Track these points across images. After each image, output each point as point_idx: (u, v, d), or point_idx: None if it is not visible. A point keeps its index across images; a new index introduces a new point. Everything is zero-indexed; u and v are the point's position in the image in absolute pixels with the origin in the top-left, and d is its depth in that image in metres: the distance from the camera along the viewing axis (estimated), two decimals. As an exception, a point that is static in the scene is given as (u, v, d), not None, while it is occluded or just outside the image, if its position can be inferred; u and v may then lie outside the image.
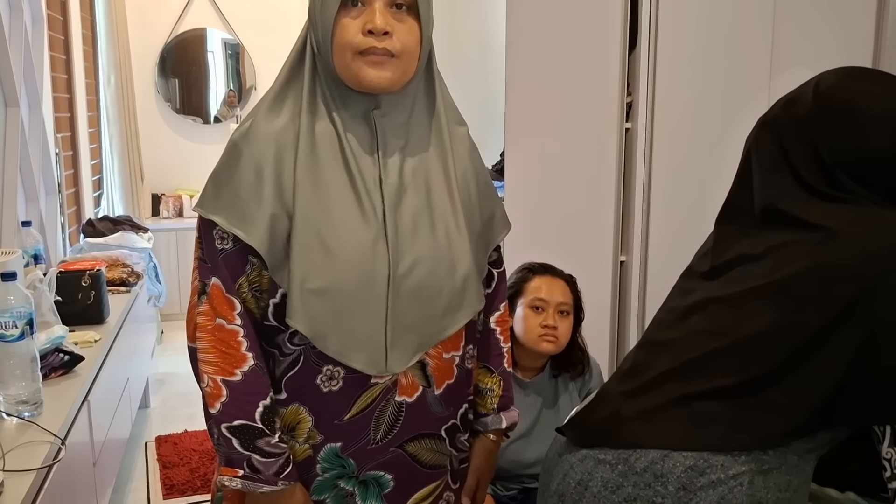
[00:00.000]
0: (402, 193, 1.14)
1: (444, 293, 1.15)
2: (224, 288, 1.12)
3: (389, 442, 1.18)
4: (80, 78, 4.10)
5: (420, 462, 1.21)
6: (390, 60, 1.09)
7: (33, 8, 3.12)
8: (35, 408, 1.71)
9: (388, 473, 1.19)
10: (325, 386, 1.14)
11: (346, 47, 1.09)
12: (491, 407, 1.35)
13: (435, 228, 1.15)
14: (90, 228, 3.71)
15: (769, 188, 1.14)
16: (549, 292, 1.83)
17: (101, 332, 2.38)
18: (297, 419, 1.16)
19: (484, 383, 1.35)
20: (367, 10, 1.09)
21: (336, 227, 1.10)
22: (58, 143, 3.49)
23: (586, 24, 2.75)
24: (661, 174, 2.86)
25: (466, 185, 1.22)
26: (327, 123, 1.13)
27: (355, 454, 1.18)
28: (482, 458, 1.36)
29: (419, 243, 1.13)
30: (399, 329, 1.12)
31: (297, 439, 1.17)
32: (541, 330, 1.80)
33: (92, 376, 2.09)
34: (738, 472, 1.03)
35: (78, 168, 3.93)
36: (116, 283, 2.99)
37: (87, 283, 2.46)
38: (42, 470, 1.52)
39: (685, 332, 1.14)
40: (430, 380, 1.20)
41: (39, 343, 1.87)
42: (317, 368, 1.14)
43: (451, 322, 1.17)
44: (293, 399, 1.16)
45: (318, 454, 1.17)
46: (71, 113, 3.86)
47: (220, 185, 1.12)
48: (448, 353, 1.21)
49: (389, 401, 1.17)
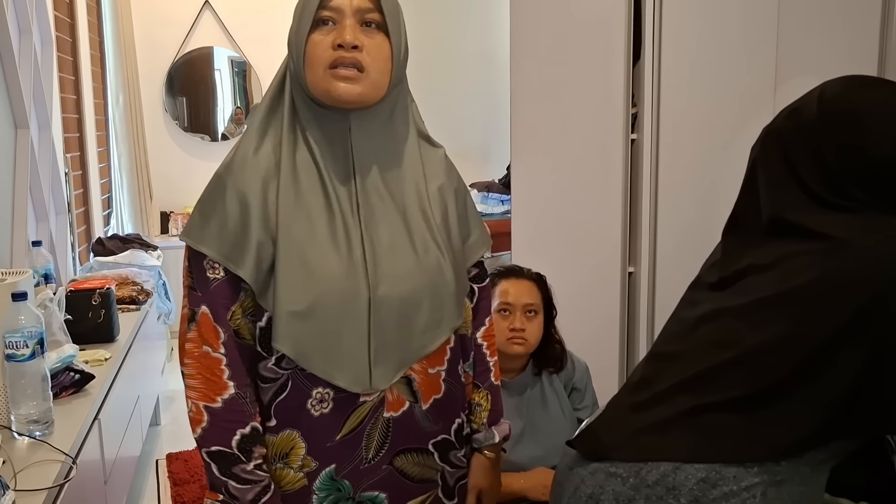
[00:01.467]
0: (379, 214, 1.17)
1: (423, 310, 1.17)
2: (213, 316, 1.14)
3: (381, 460, 1.19)
4: (89, 98, 4.13)
5: (407, 476, 1.22)
6: (359, 75, 1.13)
7: (42, 30, 3.15)
8: (46, 427, 1.71)
9: (382, 492, 1.21)
10: (316, 409, 1.16)
11: (317, 62, 1.13)
12: (481, 422, 1.36)
13: (413, 246, 1.17)
14: (100, 247, 3.73)
15: (776, 198, 1.14)
16: (515, 295, 1.85)
17: (111, 351, 2.39)
18: (289, 445, 1.18)
19: (474, 399, 1.37)
20: (338, 27, 1.13)
21: (317, 250, 1.12)
22: (67, 162, 3.52)
23: (590, 36, 2.76)
24: (667, 184, 2.86)
25: (443, 203, 1.24)
26: (305, 151, 1.17)
27: (349, 475, 1.18)
28: (480, 476, 1.37)
29: (398, 262, 1.16)
30: (381, 347, 1.14)
31: (292, 466, 1.18)
32: (508, 333, 1.82)
33: (102, 395, 2.09)
34: (750, 484, 1.02)
35: (87, 187, 3.96)
36: (126, 301, 3.00)
37: (97, 301, 2.48)
38: (53, 489, 1.52)
39: (695, 344, 1.14)
40: (416, 395, 1.21)
41: (50, 362, 1.87)
42: (306, 392, 1.16)
43: (433, 338, 1.19)
44: (284, 425, 1.17)
45: (313, 483, 1.18)
46: (80, 133, 3.89)
47: (206, 216, 1.15)
48: (433, 368, 1.23)
49: (378, 418, 1.18)
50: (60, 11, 3.60)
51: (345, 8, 1.13)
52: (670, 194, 2.87)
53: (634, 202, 2.90)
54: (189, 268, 1.17)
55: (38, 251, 2.70)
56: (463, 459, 1.32)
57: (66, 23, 3.74)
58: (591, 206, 2.86)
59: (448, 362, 1.25)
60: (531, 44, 2.74)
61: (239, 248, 1.13)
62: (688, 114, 2.84)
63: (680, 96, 2.83)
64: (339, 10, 1.13)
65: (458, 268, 1.24)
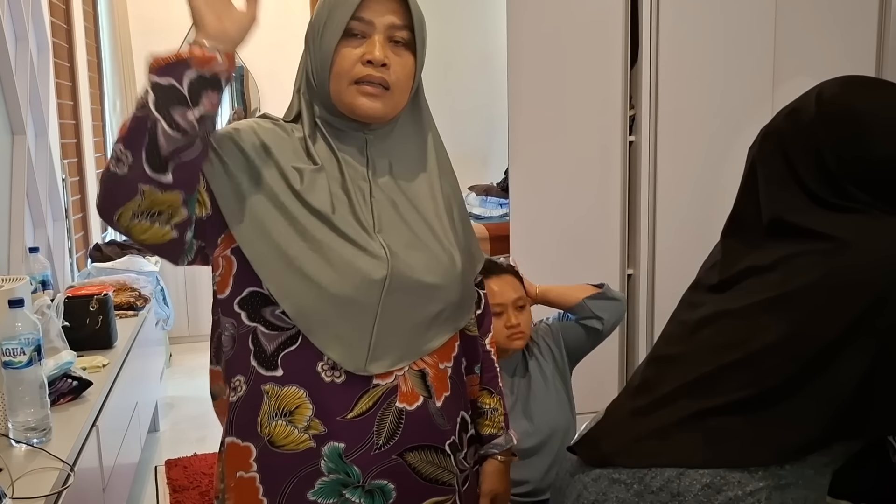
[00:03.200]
0: (395, 209, 1.18)
1: (435, 302, 1.18)
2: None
3: (391, 449, 1.18)
4: (86, 104, 4.13)
5: (419, 473, 1.21)
6: (384, 93, 1.14)
7: (38, 36, 3.15)
8: (44, 434, 1.70)
9: (391, 483, 1.19)
10: (328, 376, 1.14)
11: (343, 76, 1.14)
12: (499, 426, 1.37)
13: (432, 239, 1.18)
14: (97, 253, 3.72)
15: (775, 200, 1.13)
16: (503, 293, 1.86)
17: (109, 357, 2.38)
18: (295, 403, 1.15)
19: (487, 404, 1.37)
20: (367, 42, 1.13)
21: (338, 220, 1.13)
22: (64, 168, 3.52)
23: (587, 39, 2.76)
24: (665, 186, 2.86)
25: (451, 210, 1.26)
26: (325, 146, 1.19)
27: (359, 460, 1.16)
28: (496, 481, 1.37)
29: (415, 253, 1.16)
30: (385, 332, 1.14)
31: (297, 424, 1.15)
32: (507, 331, 1.84)
33: (100, 401, 2.09)
34: (755, 489, 1.02)
35: (85, 193, 3.95)
36: (124, 307, 2.99)
37: (94, 307, 2.47)
38: (51, 497, 1.51)
39: (695, 347, 1.13)
40: (430, 390, 1.20)
41: (47, 369, 1.87)
42: (318, 353, 1.14)
43: (437, 334, 1.20)
44: (291, 379, 1.15)
45: (321, 448, 1.15)
46: (77, 139, 3.88)
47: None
48: (443, 364, 1.23)
49: (390, 405, 1.17)
50: (57, 17, 3.60)
51: (377, 23, 1.13)
52: (669, 196, 2.87)
53: (633, 204, 2.90)
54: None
55: (35, 257, 2.69)
56: (465, 462, 1.31)
57: (63, 28, 3.73)
58: (590, 209, 2.85)
59: (454, 360, 1.25)
60: (528, 46, 2.74)
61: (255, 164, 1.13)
62: (686, 115, 2.84)
63: (678, 98, 2.83)
64: (370, 24, 1.13)
65: (468, 271, 1.25)
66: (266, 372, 1.15)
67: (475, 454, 1.36)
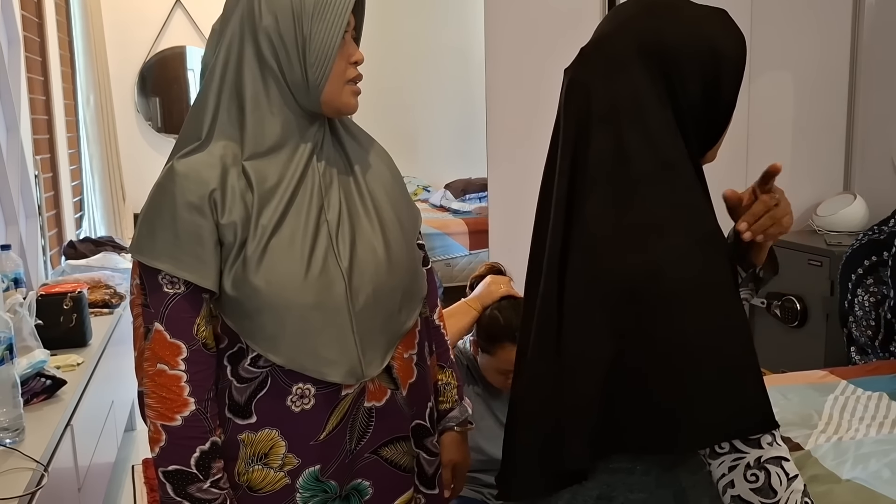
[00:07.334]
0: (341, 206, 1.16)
1: (397, 289, 1.19)
2: (168, 333, 1.11)
3: (363, 448, 1.19)
4: (59, 99, 4.07)
5: (398, 466, 1.23)
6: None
7: (9, 30, 3.10)
8: (17, 434, 1.68)
9: (366, 480, 1.20)
10: (297, 405, 1.14)
11: (340, 77, 1.15)
12: (453, 399, 1.40)
13: (376, 228, 1.18)
14: (72, 250, 3.67)
15: None
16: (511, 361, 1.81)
17: (83, 356, 2.35)
18: (269, 445, 1.16)
19: (441, 380, 1.39)
20: (347, 44, 1.15)
21: (284, 249, 1.10)
22: (37, 165, 3.46)
23: (565, 30, 2.76)
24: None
25: (381, 179, 1.24)
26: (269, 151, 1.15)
27: (335, 474, 1.17)
28: (454, 451, 1.40)
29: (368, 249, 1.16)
30: (366, 333, 1.14)
31: (272, 466, 1.16)
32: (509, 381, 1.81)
33: (75, 400, 2.06)
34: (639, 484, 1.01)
35: (58, 190, 3.90)
36: (99, 304, 2.95)
37: (68, 305, 2.43)
38: (25, 497, 1.50)
39: None
40: (396, 382, 1.22)
41: (20, 368, 1.84)
42: (286, 389, 1.14)
43: (409, 314, 1.22)
44: (264, 423, 1.15)
45: (296, 481, 1.16)
46: (50, 135, 3.83)
47: (154, 229, 1.10)
48: (407, 353, 1.24)
49: (359, 408, 1.18)
50: (28, 11, 3.54)
51: (351, 22, 1.15)
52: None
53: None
54: (140, 285, 1.13)
55: (7, 255, 2.64)
56: (436, 445, 1.33)
57: (35, 22, 3.68)
58: (568, 203, 2.86)
59: (418, 346, 1.27)
60: (506, 39, 2.74)
61: (197, 258, 1.09)
62: (663, 109, 2.85)
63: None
64: (349, 24, 1.15)
65: (411, 237, 1.26)
66: (242, 421, 1.16)
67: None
